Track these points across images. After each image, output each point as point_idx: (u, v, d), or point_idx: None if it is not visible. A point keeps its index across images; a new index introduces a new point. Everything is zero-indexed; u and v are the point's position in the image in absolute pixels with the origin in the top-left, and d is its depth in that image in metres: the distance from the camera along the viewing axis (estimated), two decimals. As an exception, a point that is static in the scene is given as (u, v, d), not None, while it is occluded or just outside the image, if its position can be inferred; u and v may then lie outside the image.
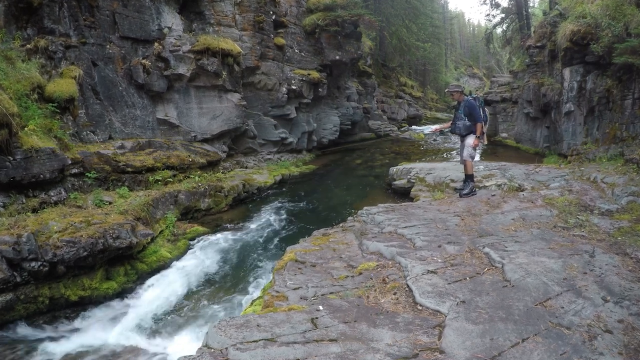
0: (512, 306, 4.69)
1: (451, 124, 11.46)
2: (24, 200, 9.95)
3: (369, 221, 9.21)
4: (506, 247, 6.51)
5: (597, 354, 3.95)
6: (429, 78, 66.87)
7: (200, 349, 4.21)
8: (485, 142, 11.83)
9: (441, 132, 12.10)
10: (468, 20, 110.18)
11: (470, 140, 10.90)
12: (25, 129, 10.27)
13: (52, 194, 10.62)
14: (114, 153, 13.00)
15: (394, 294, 5.30)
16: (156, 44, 15.48)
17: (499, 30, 43.08)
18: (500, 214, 8.65)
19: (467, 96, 11.05)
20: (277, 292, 5.70)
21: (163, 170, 13.90)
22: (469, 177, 11.10)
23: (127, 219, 10.31)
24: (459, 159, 13.17)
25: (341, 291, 5.52)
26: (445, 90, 12.41)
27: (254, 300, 7.25)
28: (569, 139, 18.23)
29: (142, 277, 10.09)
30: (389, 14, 42.20)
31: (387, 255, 6.77)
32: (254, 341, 4.16)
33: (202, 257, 11.02)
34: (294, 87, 21.66)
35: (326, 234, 8.65)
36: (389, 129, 35.62)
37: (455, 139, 27.31)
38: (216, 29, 17.79)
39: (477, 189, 11.33)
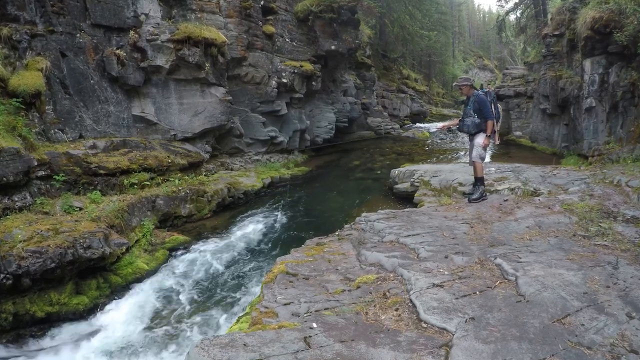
0: (527, 323, 4.69)
1: (459, 121, 11.45)
2: (-16, 206, 9.92)
3: (368, 229, 9.22)
4: (520, 257, 6.53)
5: (621, 376, 3.96)
6: (435, 70, 67.08)
7: (180, 371, 4.21)
8: (497, 142, 11.85)
9: (449, 129, 12.15)
10: (478, 6, 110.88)
11: (480, 139, 10.89)
12: (-14, 126, 10.24)
13: (16, 199, 10.57)
14: (85, 153, 12.97)
15: (396, 309, 5.31)
16: (132, 32, 15.44)
17: (512, 17, 43.31)
18: (514, 221, 8.67)
19: (478, 90, 11.05)
20: (266, 307, 5.70)
21: (139, 172, 13.87)
22: (478, 181, 11.10)
23: (99, 226, 10.28)
24: (467, 160, 13.19)
25: (337, 307, 5.52)
26: (453, 84, 12.41)
27: (240, 317, 7.25)
28: (589, 138, 18.28)
29: (116, 291, 10.06)
30: (390, -1, 42.37)
31: (388, 266, 6.77)
32: (241, 363, 4.16)
33: (182, 269, 11.01)
34: (284, 81, 21.67)
35: (320, 244, 8.65)
36: (390, 126, 35.73)
37: (464, 137, 27.43)
38: (198, 15, 17.79)
39: (487, 194, 11.34)
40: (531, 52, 35.05)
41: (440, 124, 12.64)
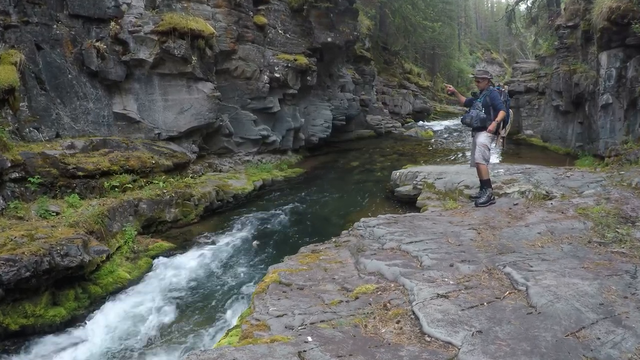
0: (539, 337, 4.69)
1: (465, 112, 11.43)
2: (-47, 211, 9.90)
3: (367, 235, 9.22)
4: (531, 266, 6.53)
5: (639, 393, 3.96)
6: (439, 64, 67.06)
7: (165, 389, 4.20)
8: (502, 147, 11.83)
9: (452, 94, 12.04)
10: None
11: (482, 138, 10.84)
12: (-45, 124, 10.22)
13: (-14, 203, 10.57)
14: (62, 154, 12.95)
15: (397, 322, 5.31)
16: (112, 23, 15.41)
17: (522, 7, 43.36)
18: (524, 227, 8.68)
19: (494, 87, 11.03)
20: (258, 320, 5.69)
21: (121, 174, 13.85)
22: (484, 183, 11.06)
23: (77, 232, 10.26)
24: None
25: (334, 319, 5.52)
26: (470, 75, 12.34)
27: (229, 330, 7.23)
28: (606, 137, 18.29)
29: (95, 302, 10.03)
30: (391, -13, 42.39)
31: (389, 276, 6.77)
32: (230, 380, 4.15)
33: (167, 279, 11.00)
34: (277, 75, 21.64)
35: (316, 251, 8.65)
36: (390, 125, 35.75)
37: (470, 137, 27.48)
38: (184, 5, 17.75)
39: (496, 197, 11.35)
40: (543, 44, 35.08)
41: (450, 86, 12.49)
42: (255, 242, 12.98)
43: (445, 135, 33.37)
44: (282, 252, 11.52)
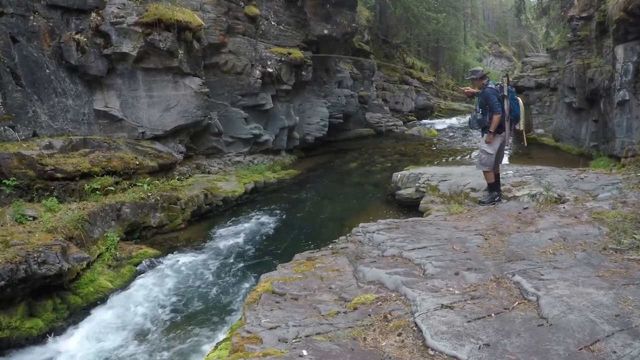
0: (550, 350, 4.69)
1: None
2: None
3: (366, 241, 9.21)
4: (542, 274, 6.52)
5: (658, 410, 3.96)
6: (444, 58, 67.07)
7: (149, 407, 4.19)
8: (525, 144, 11.83)
9: (472, 96, 12.21)
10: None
11: (481, 142, 10.99)
12: None
13: (-42, 206, 10.54)
14: (40, 154, 12.91)
15: (399, 334, 5.30)
16: (94, 14, 15.38)
17: (532, -3, 43.35)
18: (535, 233, 8.68)
19: (489, 82, 11.12)
20: (249, 332, 5.68)
21: (102, 176, 13.82)
22: (489, 186, 11.18)
23: (56, 238, 10.24)
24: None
25: (331, 331, 5.52)
26: (466, 78, 12.46)
27: (218, 343, 7.22)
28: (622, 136, 18.25)
29: (75, 313, 10.00)
30: (392, -23, 42.42)
31: (390, 285, 6.76)
32: (219, 397, 4.15)
33: (152, 288, 10.96)
34: (270, 70, 21.64)
35: (311, 258, 8.63)
36: (391, 123, 35.76)
37: (477, 136, 27.49)
38: (171, -6, 17.77)
39: (505, 200, 11.37)
40: (555, 37, 35.17)
41: (468, 89, 12.60)
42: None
43: (450, 134, 33.38)
44: (275, 259, 11.54)
